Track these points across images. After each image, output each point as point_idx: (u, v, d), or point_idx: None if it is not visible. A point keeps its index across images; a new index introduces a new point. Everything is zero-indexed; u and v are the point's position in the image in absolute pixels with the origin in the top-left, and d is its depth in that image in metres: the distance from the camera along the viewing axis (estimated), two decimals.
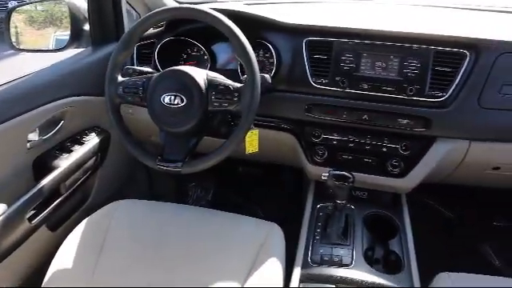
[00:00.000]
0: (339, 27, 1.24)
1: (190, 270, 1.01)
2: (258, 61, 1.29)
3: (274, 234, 1.12)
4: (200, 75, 1.05)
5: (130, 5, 1.59)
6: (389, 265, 1.09)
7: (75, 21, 1.48)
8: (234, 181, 2.16)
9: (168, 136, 1.10)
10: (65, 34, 1.54)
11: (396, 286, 1.00)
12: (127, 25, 1.52)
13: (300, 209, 1.35)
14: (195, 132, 1.09)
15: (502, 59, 1.12)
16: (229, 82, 1.05)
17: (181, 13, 1.12)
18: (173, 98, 1.03)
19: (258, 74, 1.03)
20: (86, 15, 1.46)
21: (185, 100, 1.03)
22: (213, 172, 2.08)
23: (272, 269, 1.02)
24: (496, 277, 1.04)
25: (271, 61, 1.27)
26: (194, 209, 1.27)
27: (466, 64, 1.13)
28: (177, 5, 1.69)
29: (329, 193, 1.18)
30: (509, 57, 1.12)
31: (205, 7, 1.10)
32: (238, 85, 1.04)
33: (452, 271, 1.03)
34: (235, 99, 1.03)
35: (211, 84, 1.04)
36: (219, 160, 1.05)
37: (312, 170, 1.27)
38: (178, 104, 1.03)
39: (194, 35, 1.38)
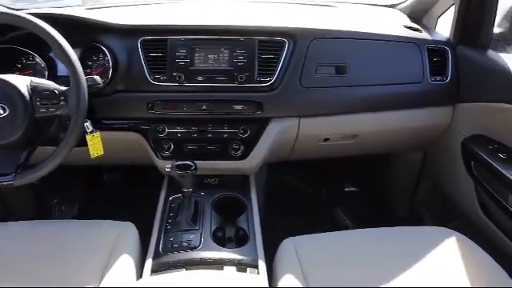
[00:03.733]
0: (171, 25, 1.30)
1: (41, 283, 0.97)
2: (96, 64, 1.30)
3: (128, 232, 1.13)
4: (22, 82, 1.02)
5: None
6: (239, 241, 1.17)
7: None
8: (101, 189, 2.10)
9: None
10: None
11: (241, 257, 1.08)
12: None
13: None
14: (25, 141, 1.05)
15: (315, 44, 1.29)
16: (54, 85, 1.04)
17: None
18: None
19: (82, 75, 1.03)
20: None
21: (7, 110, 0.99)
22: (77, 184, 2.01)
23: (125, 266, 1.03)
24: (333, 232, 1.15)
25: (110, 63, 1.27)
26: (44, 223, 1.22)
27: (285, 50, 1.27)
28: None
29: (179, 183, 1.22)
30: (319, 41, 1.30)
31: (20, 12, 1.06)
32: (64, 88, 1.03)
33: None
34: (62, 103, 1.02)
35: (35, 90, 1.02)
36: (53, 167, 1.03)
37: (161, 164, 1.31)
38: (0, 115, 0.99)
39: (25, 43, 1.30)
